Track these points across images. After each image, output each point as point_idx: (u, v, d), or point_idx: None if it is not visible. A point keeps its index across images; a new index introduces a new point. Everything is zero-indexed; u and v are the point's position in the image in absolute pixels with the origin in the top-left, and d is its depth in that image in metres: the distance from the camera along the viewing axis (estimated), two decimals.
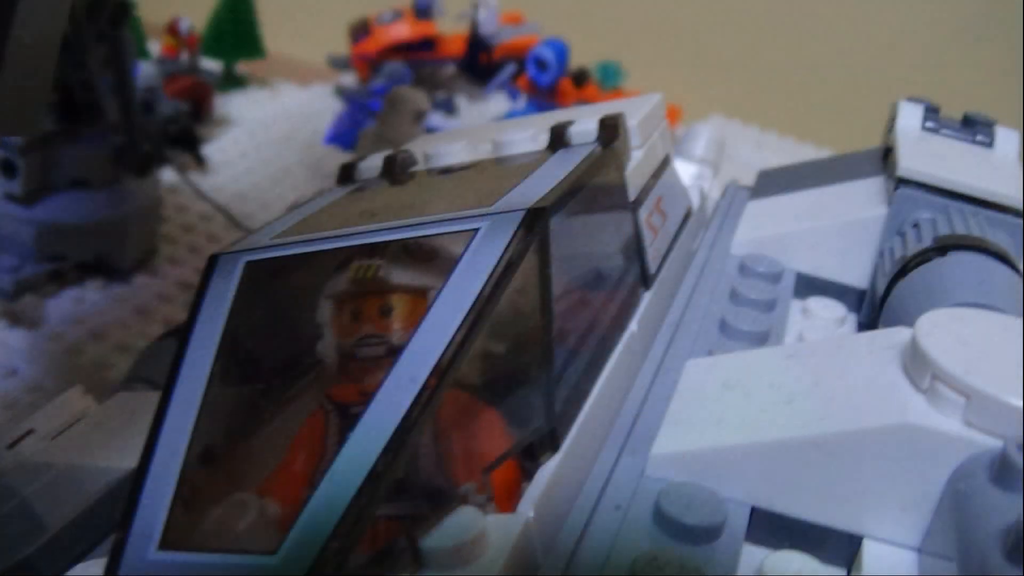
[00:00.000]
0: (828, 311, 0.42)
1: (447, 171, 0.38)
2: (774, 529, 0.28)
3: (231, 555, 0.22)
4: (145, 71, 0.80)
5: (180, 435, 0.26)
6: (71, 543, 0.31)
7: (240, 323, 0.29)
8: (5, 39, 0.29)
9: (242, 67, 1.10)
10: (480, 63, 1.00)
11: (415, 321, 0.26)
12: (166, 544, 0.23)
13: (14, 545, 0.30)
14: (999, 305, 0.34)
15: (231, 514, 0.24)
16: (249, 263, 0.30)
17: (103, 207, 0.65)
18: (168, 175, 0.82)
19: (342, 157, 0.82)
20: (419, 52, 1.01)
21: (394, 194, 0.36)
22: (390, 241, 0.29)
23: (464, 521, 0.24)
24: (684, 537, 0.26)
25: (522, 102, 0.98)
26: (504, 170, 0.36)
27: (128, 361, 0.48)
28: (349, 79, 1.05)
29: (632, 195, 0.38)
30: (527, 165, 0.35)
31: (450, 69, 1.05)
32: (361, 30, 1.01)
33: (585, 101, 0.92)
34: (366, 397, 0.24)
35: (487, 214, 0.28)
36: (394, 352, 0.26)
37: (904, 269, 0.38)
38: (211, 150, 0.91)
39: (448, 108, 1.01)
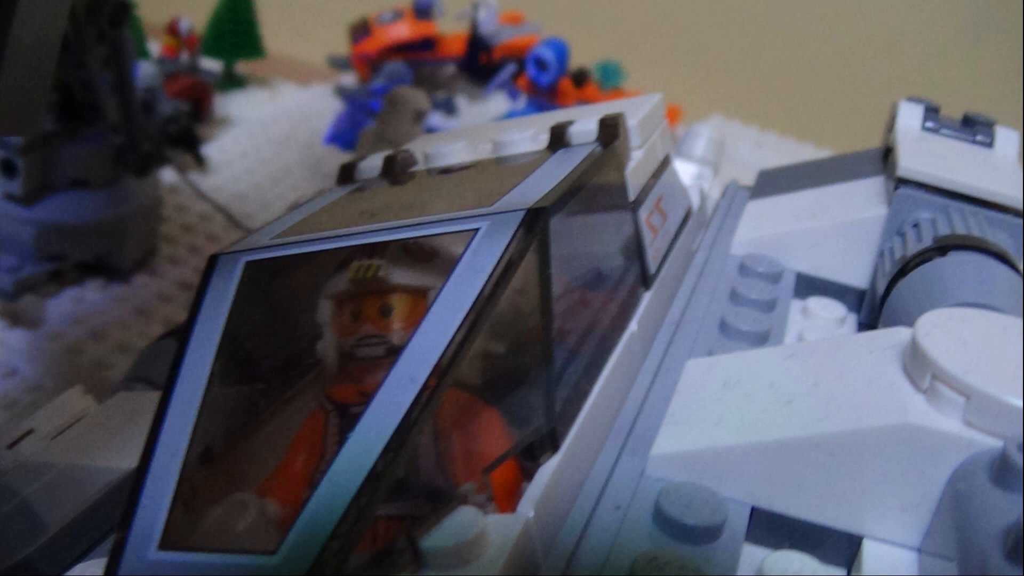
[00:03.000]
0: (828, 311, 0.42)
1: (447, 171, 0.38)
2: (774, 529, 0.28)
3: (231, 555, 0.22)
4: (145, 71, 0.80)
5: (180, 435, 0.26)
6: (71, 543, 0.30)
7: (240, 323, 0.29)
8: (5, 39, 0.29)
9: (242, 67, 1.11)
10: (480, 63, 1.00)
11: (415, 321, 0.26)
12: (166, 544, 0.23)
13: (14, 545, 0.30)
14: (999, 305, 0.34)
15: (231, 514, 0.24)
16: (249, 263, 0.30)
17: (103, 207, 0.65)
18: (168, 175, 0.82)
19: (342, 157, 0.82)
20: (419, 52, 1.01)
21: (394, 194, 0.36)
22: (390, 241, 0.29)
23: (464, 521, 0.24)
24: (684, 537, 0.26)
25: (522, 102, 0.98)
26: (504, 170, 0.36)
27: (128, 361, 0.48)
28: (349, 79, 1.05)
29: (632, 195, 0.38)
30: (527, 165, 0.35)
31: (450, 69, 1.04)
32: (361, 30, 1.00)
33: (585, 101, 0.92)
34: (366, 397, 0.24)
35: (487, 214, 0.28)
36: (394, 352, 0.26)
37: (904, 269, 0.38)
38: (211, 150, 0.91)
39: (448, 108, 1.01)
